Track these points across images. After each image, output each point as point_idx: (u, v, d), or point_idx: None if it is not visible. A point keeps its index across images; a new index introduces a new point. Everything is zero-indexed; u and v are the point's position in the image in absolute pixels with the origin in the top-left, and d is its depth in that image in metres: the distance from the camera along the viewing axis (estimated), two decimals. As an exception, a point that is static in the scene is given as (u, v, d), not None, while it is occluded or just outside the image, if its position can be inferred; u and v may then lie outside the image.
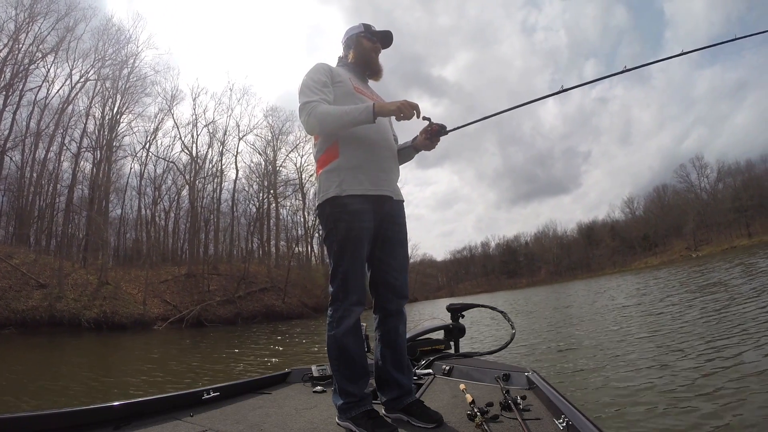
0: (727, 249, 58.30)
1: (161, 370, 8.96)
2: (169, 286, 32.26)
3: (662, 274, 28.64)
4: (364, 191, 2.03)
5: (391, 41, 2.42)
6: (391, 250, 2.17)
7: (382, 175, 2.11)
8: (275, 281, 38.76)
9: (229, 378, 7.41)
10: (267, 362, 9.77)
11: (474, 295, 67.93)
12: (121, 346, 16.64)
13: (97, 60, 33.49)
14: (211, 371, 8.81)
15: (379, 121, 2.09)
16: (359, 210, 2.01)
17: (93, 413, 2.03)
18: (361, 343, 2.09)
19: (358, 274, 2.03)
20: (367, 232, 2.04)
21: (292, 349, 12.70)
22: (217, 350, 13.20)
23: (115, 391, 6.90)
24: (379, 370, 2.17)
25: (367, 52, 2.35)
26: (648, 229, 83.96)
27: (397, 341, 2.17)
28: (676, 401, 3.99)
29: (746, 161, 74.42)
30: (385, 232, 2.15)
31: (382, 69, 2.42)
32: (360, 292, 2.03)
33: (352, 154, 2.06)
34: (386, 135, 2.21)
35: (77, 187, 33.48)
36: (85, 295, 24.83)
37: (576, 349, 7.48)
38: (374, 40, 2.37)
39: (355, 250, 2.01)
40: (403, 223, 2.26)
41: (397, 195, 2.21)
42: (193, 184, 39.48)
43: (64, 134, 32.18)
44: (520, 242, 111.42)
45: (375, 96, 2.33)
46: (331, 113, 1.99)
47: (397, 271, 2.18)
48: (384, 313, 2.18)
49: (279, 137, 47.85)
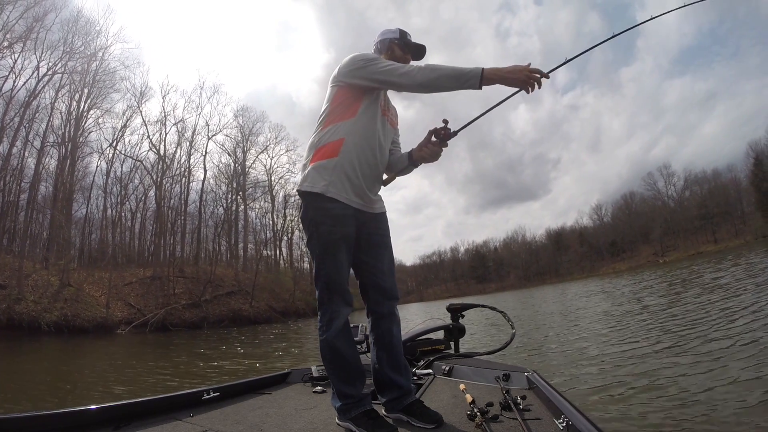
0: (694, 254, 59.70)
1: (120, 379, 8.66)
2: (133, 288, 31.88)
3: (646, 276, 28.93)
4: (347, 200, 2.05)
5: (423, 55, 2.33)
6: (376, 253, 2.19)
7: (368, 193, 2.14)
8: (243, 285, 38.69)
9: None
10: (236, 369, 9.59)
11: (443, 300, 68.38)
12: (81, 351, 16.28)
13: (65, 53, 32.83)
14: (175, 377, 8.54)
15: (379, 137, 2.14)
16: (340, 215, 2.03)
17: (93, 413, 2.05)
18: (353, 344, 2.11)
19: (341, 276, 2.05)
20: (347, 237, 2.06)
21: (260, 350, 12.81)
22: (179, 356, 12.96)
23: (70, 398, 6.77)
24: (376, 372, 2.17)
25: (397, 60, 2.22)
26: (616, 235, 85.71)
27: (392, 343, 2.17)
28: (676, 401, 3.96)
29: (713, 170, 76.40)
30: (368, 237, 2.17)
31: None
32: (344, 294, 2.05)
33: (349, 160, 2.05)
34: (380, 153, 2.18)
35: (41, 184, 32.72)
36: (46, 297, 24.39)
37: (563, 349, 7.51)
38: (406, 51, 2.28)
39: (337, 253, 2.03)
40: (387, 229, 2.28)
41: (380, 209, 2.25)
42: (161, 183, 38.99)
43: (28, 129, 31.29)
44: (489, 247, 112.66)
45: (391, 106, 2.31)
46: (440, 66, 1.93)
47: (385, 273, 2.19)
48: (376, 315, 2.19)
49: (249, 138, 47.77)
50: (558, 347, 7.84)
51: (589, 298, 19.46)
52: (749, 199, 67.37)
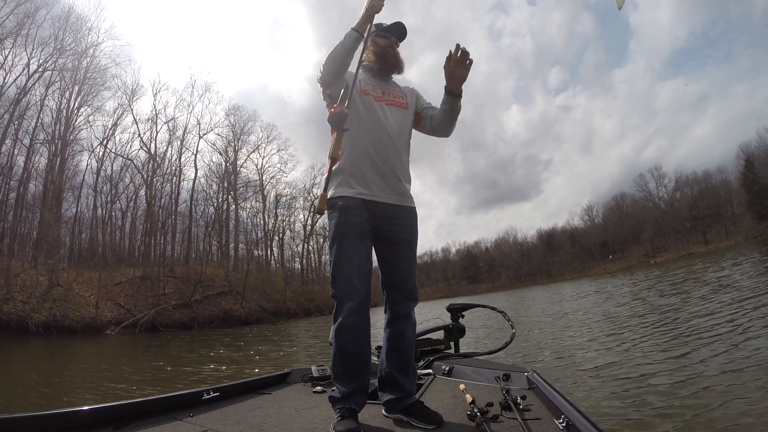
0: (685, 255, 60.08)
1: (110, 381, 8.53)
2: (123, 288, 31.80)
3: (640, 277, 29.00)
4: (355, 194, 2.09)
5: (404, 31, 2.41)
6: (396, 251, 2.17)
7: (378, 182, 2.14)
8: (233, 285, 38.66)
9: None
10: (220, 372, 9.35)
11: (435, 300, 68.41)
12: (68, 352, 16.03)
13: (56, 49, 32.65)
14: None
15: (381, 124, 2.18)
16: (346, 206, 2.07)
17: (93, 413, 2.04)
18: (357, 341, 2.07)
19: (345, 270, 2.03)
20: (354, 227, 2.06)
21: (239, 353, 12.30)
22: (166, 358, 12.65)
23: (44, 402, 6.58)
24: (383, 370, 2.17)
25: (383, 49, 2.35)
26: (607, 236, 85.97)
27: (404, 344, 2.18)
28: (677, 401, 3.97)
29: (703, 172, 76.75)
30: (387, 233, 2.15)
31: (402, 61, 2.41)
32: (349, 288, 2.02)
33: (349, 159, 2.13)
34: (387, 139, 2.19)
35: (30, 182, 32.51)
36: (34, 297, 24.29)
37: (562, 348, 7.58)
38: (388, 36, 2.37)
39: (342, 244, 2.05)
40: (409, 224, 2.23)
41: (399, 200, 2.21)
42: (151, 182, 38.91)
43: (18, 126, 31.11)
44: (480, 248, 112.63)
45: (392, 90, 2.36)
46: (330, 53, 2.12)
47: (405, 272, 2.18)
48: (393, 314, 2.19)
49: (240, 137, 47.70)
50: (558, 348, 7.85)
51: (586, 298, 19.48)
52: (740, 201, 68.13)
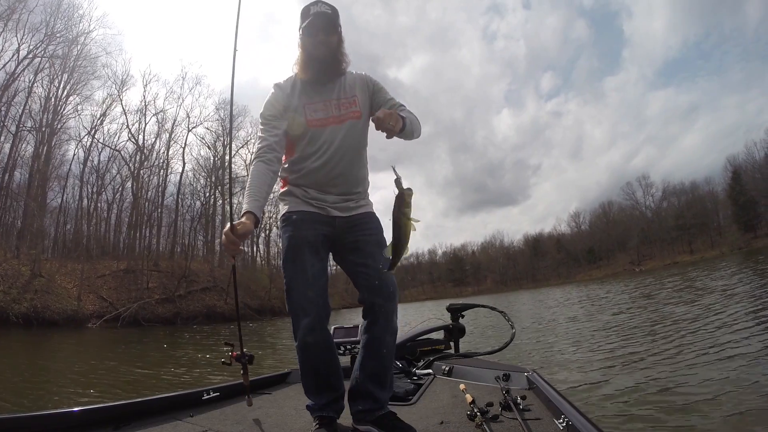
0: (670, 264, 61.20)
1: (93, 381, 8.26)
2: (106, 281, 31.54)
3: (629, 283, 29.40)
4: (309, 209, 2.04)
5: (323, 18, 2.00)
6: (366, 253, 2.05)
7: (334, 198, 2.07)
8: (218, 281, 38.40)
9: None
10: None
11: (421, 302, 68.39)
12: (46, 346, 15.92)
13: (47, 36, 32.21)
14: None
15: (335, 150, 2.02)
16: (300, 219, 2.01)
17: (93, 413, 2.04)
18: (320, 358, 1.99)
19: (300, 284, 1.94)
20: (307, 240, 1.98)
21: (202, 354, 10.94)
22: (150, 356, 12.30)
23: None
24: (354, 378, 1.99)
25: (310, 54, 2.05)
26: (593, 243, 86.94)
27: (381, 353, 1.99)
28: (677, 401, 3.96)
29: (691, 182, 77.94)
30: (353, 243, 2.07)
31: (341, 60, 2.09)
32: (304, 302, 1.93)
33: (302, 182, 2.07)
34: (340, 161, 2.06)
35: (16, 170, 32.04)
36: (15, 287, 24.07)
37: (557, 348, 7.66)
38: (313, 33, 2.01)
39: (295, 259, 1.96)
40: (374, 227, 2.14)
41: (357, 209, 2.12)
42: (138, 174, 38.58)
43: (5, 113, 30.59)
44: (467, 251, 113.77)
45: (341, 98, 2.09)
46: (248, 183, 1.93)
47: (378, 270, 2.02)
48: (370, 318, 2.02)
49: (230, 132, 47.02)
50: (557, 348, 7.91)
51: (578, 303, 19.80)
52: (726, 212, 69.77)
